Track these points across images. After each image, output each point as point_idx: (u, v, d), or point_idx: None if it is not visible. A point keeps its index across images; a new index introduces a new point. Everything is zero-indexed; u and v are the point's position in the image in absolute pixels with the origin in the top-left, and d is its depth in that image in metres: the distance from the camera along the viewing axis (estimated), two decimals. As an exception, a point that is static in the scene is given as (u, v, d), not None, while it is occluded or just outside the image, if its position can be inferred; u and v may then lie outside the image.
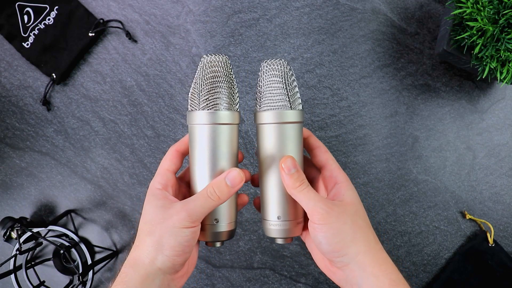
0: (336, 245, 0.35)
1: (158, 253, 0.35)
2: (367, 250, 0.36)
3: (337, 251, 0.35)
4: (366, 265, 0.35)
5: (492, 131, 0.67)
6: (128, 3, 0.68)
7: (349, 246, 0.35)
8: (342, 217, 0.36)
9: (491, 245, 0.64)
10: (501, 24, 0.52)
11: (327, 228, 0.35)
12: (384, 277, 0.35)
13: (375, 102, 0.67)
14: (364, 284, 0.35)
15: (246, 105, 0.67)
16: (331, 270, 0.38)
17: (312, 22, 0.67)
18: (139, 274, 0.35)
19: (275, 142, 0.38)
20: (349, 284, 0.36)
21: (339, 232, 0.35)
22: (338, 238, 0.35)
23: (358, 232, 0.36)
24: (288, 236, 0.39)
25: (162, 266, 0.35)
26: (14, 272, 0.61)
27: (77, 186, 0.67)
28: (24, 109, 0.68)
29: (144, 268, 0.35)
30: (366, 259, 0.35)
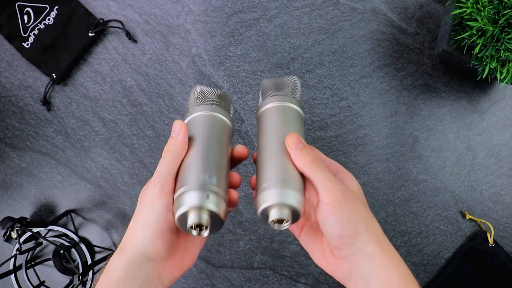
0: (349, 230, 0.33)
1: (139, 235, 0.33)
2: (377, 240, 0.33)
3: (348, 237, 0.33)
4: (376, 256, 0.33)
5: (492, 131, 0.67)
6: (128, 3, 0.68)
7: (361, 233, 0.33)
8: (357, 203, 0.34)
9: (491, 245, 0.64)
10: (501, 24, 0.52)
11: (341, 212, 0.33)
12: (395, 269, 0.33)
13: (375, 102, 0.67)
14: (372, 277, 0.32)
15: (246, 105, 0.67)
16: (333, 264, 0.36)
17: (312, 22, 0.67)
18: (124, 261, 0.33)
19: (277, 121, 0.37)
20: (353, 279, 0.34)
21: (353, 217, 0.33)
22: (352, 223, 0.33)
23: (370, 220, 0.34)
24: (287, 203, 0.32)
25: (144, 251, 0.33)
26: (14, 272, 0.61)
27: (77, 186, 0.67)
28: (24, 109, 0.68)
29: (127, 254, 0.33)
30: (376, 249, 0.33)
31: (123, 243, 0.34)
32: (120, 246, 0.34)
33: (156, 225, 0.33)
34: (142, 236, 0.33)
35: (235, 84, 0.67)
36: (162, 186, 0.34)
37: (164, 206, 0.33)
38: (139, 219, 0.34)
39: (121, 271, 0.32)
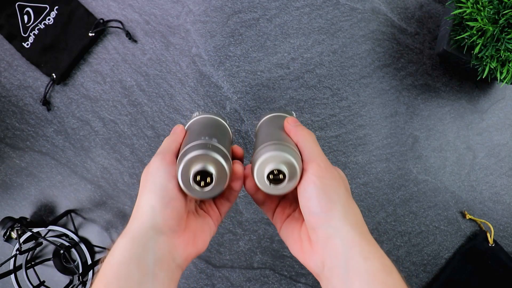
0: (327, 203, 0.31)
1: (145, 207, 0.32)
2: (356, 226, 0.31)
3: (325, 211, 0.31)
4: (354, 241, 0.30)
5: (492, 131, 0.67)
6: (128, 3, 0.68)
7: (338, 210, 0.31)
8: (339, 182, 0.33)
9: (491, 245, 0.64)
10: (501, 24, 0.52)
11: (321, 182, 0.32)
12: (376, 259, 0.30)
13: (375, 102, 0.67)
14: (352, 266, 0.29)
15: (246, 105, 0.67)
16: (309, 253, 0.33)
17: (312, 22, 0.67)
18: (127, 239, 0.30)
19: (271, 124, 0.40)
20: (329, 268, 0.31)
21: (332, 191, 0.32)
22: (329, 197, 0.32)
23: (350, 204, 0.33)
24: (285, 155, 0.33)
25: (152, 223, 0.31)
26: (14, 272, 0.61)
27: (77, 186, 0.67)
28: (24, 109, 0.68)
29: (131, 233, 0.30)
30: (354, 234, 0.30)
31: (127, 226, 0.32)
32: (124, 230, 0.32)
33: (162, 192, 0.32)
34: (150, 206, 0.31)
35: (235, 84, 0.67)
36: (164, 157, 0.34)
37: (168, 173, 0.33)
38: (144, 194, 0.32)
39: (125, 251, 0.29)
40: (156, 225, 0.31)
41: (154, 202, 0.32)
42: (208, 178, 0.33)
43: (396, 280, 0.29)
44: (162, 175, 0.33)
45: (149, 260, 0.29)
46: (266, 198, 0.39)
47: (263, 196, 0.39)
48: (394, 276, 0.29)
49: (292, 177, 0.33)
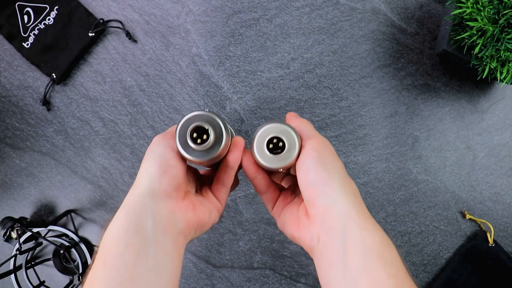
0: (324, 174, 0.31)
1: (143, 175, 0.31)
2: (354, 199, 0.31)
3: (322, 183, 0.31)
4: (352, 213, 0.30)
5: (492, 131, 0.67)
6: (128, 3, 0.68)
7: (336, 182, 0.31)
8: (335, 157, 0.34)
9: (491, 245, 0.64)
10: (501, 24, 0.52)
11: (319, 155, 0.32)
12: (374, 232, 0.29)
13: (375, 102, 0.67)
14: (349, 237, 0.28)
15: (246, 105, 0.67)
16: (306, 226, 0.33)
17: (312, 22, 0.67)
18: (126, 208, 0.29)
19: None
20: (327, 241, 0.30)
21: (329, 165, 0.32)
22: (327, 170, 0.32)
23: (346, 179, 0.33)
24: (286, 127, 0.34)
25: (149, 188, 0.30)
26: (14, 272, 0.61)
27: (77, 186, 0.67)
28: (24, 109, 0.68)
29: (130, 200, 0.30)
30: (352, 206, 0.30)
31: (126, 197, 0.32)
32: (123, 201, 0.32)
33: (161, 160, 0.32)
34: (147, 174, 0.31)
35: (235, 84, 0.67)
36: (165, 135, 0.34)
37: (167, 145, 0.33)
38: (143, 164, 0.33)
39: (122, 219, 0.28)
40: (153, 191, 0.30)
41: (152, 170, 0.31)
42: (204, 135, 0.33)
43: (393, 254, 0.29)
44: (161, 146, 0.33)
45: (148, 225, 0.28)
46: (269, 185, 0.39)
47: (265, 183, 0.38)
48: (392, 251, 0.29)
49: (291, 147, 0.34)
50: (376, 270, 0.27)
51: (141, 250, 0.27)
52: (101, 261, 0.27)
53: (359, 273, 0.27)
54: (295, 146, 0.34)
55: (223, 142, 0.34)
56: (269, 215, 0.66)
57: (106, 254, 0.27)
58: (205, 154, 0.33)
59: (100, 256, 0.27)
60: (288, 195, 0.39)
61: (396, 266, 0.28)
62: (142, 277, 0.26)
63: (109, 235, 0.28)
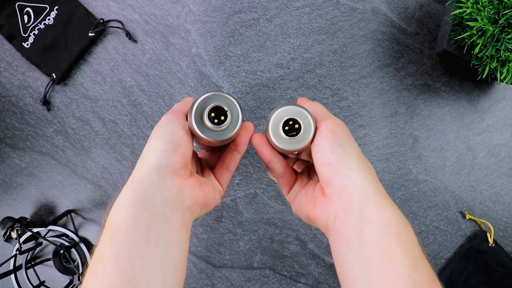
0: (340, 153, 0.31)
1: (152, 152, 0.31)
2: (371, 177, 0.31)
3: (339, 162, 0.31)
4: (369, 191, 0.29)
5: (492, 131, 0.67)
6: (128, 3, 0.68)
7: (353, 160, 0.31)
8: (350, 137, 0.33)
9: (491, 245, 0.64)
10: (501, 24, 0.52)
11: (334, 135, 0.32)
12: (391, 210, 0.28)
13: (375, 102, 0.67)
14: (365, 214, 0.28)
15: (246, 105, 0.67)
16: (322, 205, 0.33)
17: (312, 22, 0.67)
18: (132, 183, 0.29)
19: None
20: (343, 219, 0.30)
21: (345, 144, 0.32)
22: (344, 148, 0.32)
23: (362, 158, 0.32)
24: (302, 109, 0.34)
25: (158, 164, 0.30)
26: (14, 272, 0.61)
27: (77, 186, 0.67)
28: (24, 109, 0.68)
29: (137, 175, 0.29)
30: (369, 184, 0.30)
31: (133, 173, 0.31)
32: (130, 177, 0.31)
33: (171, 137, 0.31)
34: (157, 150, 0.31)
35: (235, 84, 0.67)
36: (175, 113, 0.34)
37: (178, 123, 0.33)
38: (151, 140, 0.32)
39: (131, 195, 0.28)
40: (162, 167, 0.30)
41: (162, 146, 0.31)
42: (222, 116, 0.33)
43: (409, 233, 0.28)
44: (172, 124, 0.33)
45: (157, 201, 0.28)
46: (286, 168, 0.39)
47: (282, 166, 0.38)
48: (408, 229, 0.29)
49: (307, 129, 0.34)
50: (391, 247, 0.27)
51: (150, 226, 0.26)
52: (109, 237, 0.26)
53: (374, 250, 0.27)
54: (311, 128, 0.34)
55: (238, 125, 0.34)
56: (269, 215, 0.66)
57: (113, 230, 0.26)
58: (218, 134, 0.33)
59: (107, 232, 0.27)
60: (304, 178, 0.39)
61: (411, 244, 0.27)
62: (152, 254, 0.26)
63: (116, 210, 0.27)
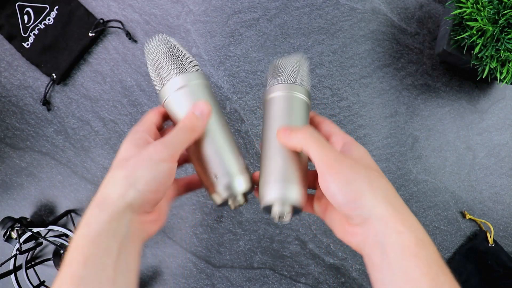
0: (351, 193, 0.32)
1: (130, 187, 0.31)
2: (387, 202, 0.32)
3: (353, 201, 0.32)
4: (388, 219, 0.31)
5: (492, 131, 0.67)
6: (128, 3, 0.68)
7: (365, 195, 0.31)
8: (355, 167, 0.33)
9: (491, 245, 0.64)
10: (501, 24, 0.52)
11: (339, 176, 0.32)
12: (409, 233, 0.30)
13: (375, 102, 0.67)
14: (387, 241, 0.30)
15: (246, 105, 0.67)
16: (350, 233, 0.34)
17: (312, 22, 0.67)
18: (106, 212, 0.30)
19: (280, 112, 0.38)
20: (370, 246, 0.32)
21: (353, 180, 0.32)
22: (353, 186, 0.32)
23: (374, 181, 0.33)
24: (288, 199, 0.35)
25: (132, 201, 0.31)
26: (14, 272, 0.61)
27: (77, 186, 0.67)
28: (24, 109, 0.68)
29: (111, 204, 0.31)
30: (387, 212, 0.31)
31: (106, 192, 0.32)
32: (102, 195, 0.32)
33: (154, 184, 0.32)
34: (135, 190, 0.31)
35: (235, 84, 0.67)
36: (174, 154, 0.34)
37: (170, 170, 0.33)
38: (135, 171, 0.32)
39: (102, 223, 0.30)
40: (135, 204, 0.32)
41: (144, 188, 0.32)
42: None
43: (428, 252, 0.30)
44: (164, 170, 0.33)
45: (123, 235, 0.31)
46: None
47: None
48: (427, 249, 0.31)
49: (297, 211, 0.37)
50: (411, 268, 0.29)
51: (118, 255, 0.30)
52: (81, 261, 0.29)
53: (397, 272, 0.30)
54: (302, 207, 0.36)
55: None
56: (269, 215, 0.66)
57: (86, 255, 0.29)
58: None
59: (79, 255, 0.29)
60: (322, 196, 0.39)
61: (430, 263, 0.30)
62: (118, 280, 0.30)
63: (89, 236, 0.30)
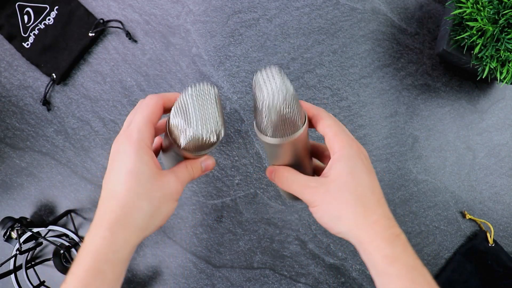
0: (327, 224, 0.36)
1: (154, 220, 0.35)
2: (358, 225, 0.34)
3: (331, 229, 0.36)
4: (360, 240, 0.34)
5: (492, 131, 0.67)
6: (128, 3, 0.68)
7: (337, 225, 0.35)
8: (326, 198, 0.35)
9: (491, 245, 0.64)
10: (501, 24, 0.52)
11: (316, 210, 0.36)
12: (377, 253, 0.33)
13: (375, 102, 0.67)
14: (379, 270, 0.34)
15: (246, 105, 0.67)
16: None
17: (312, 22, 0.67)
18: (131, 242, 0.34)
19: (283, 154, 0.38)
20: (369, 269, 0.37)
21: (325, 212, 0.35)
22: (326, 219, 0.35)
23: (343, 209, 0.35)
24: None
25: (148, 232, 0.35)
26: (14, 272, 0.61)
27: (77, 186, 0.67)
28: (24, 109, 0.68)
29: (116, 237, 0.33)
30: (359, 234, 0.34)
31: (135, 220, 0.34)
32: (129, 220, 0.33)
33: (166, 218, 0.36)
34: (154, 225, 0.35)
35: (235, 84, 0.67)
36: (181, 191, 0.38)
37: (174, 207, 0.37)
38: (160, 207, 0.35)
39: (132, 247, 0.34)
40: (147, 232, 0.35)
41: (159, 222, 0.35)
42: None
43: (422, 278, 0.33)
44: (174, 206, 0.37)
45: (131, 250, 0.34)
46: None
47: None
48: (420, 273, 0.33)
49: None
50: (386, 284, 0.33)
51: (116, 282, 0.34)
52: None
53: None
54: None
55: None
56: (269, 215, 0.66)
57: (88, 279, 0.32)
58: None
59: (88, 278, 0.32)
60: None
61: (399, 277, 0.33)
62: None
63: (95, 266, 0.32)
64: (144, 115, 0.35)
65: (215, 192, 0.66)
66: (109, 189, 0.34)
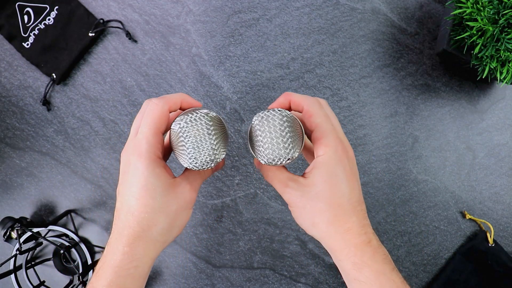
0: (302, 226, 0.37)
1: (171, 232, 0.35)
2: (329, 234, 0.35)
3: (306, 231, 0.37)
4: (332, 248, 0.36)
5: (492, 131, 0.67)
6: (128, 3, 0.68)
7: (311, 230, 0.36)
8: (302, 201, 0.35)
9: (491, 245, 0.64)
10: (501, 24, 0.52)
11: (292, 210, 0.37)
12: (347, 260, 0.34)
13: (375, 102, 0.67)
14: (337, 265, 0.36)
15: (246, 105, 0.67)
16: None
17: (312, 22, 0.67)
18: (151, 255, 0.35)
19: None
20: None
21: (300, 215, 0.36)
22: (300, 221, 0.37)
23: (316, 217, 0.35)
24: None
25: (166, 243, 0.36)
26: (14, 272, 0.61)
27: (77, 186, 0.67)
28: (24, 109, 0.68)
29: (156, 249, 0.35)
30: (330, 243, 0.35)
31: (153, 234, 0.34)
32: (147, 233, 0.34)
33: (182, 227, 0.37)
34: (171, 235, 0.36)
35: (235, 84, 0.67)
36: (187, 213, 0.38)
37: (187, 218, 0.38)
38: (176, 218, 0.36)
39: (152, 260, 0.35)
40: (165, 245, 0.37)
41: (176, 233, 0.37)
42: None
43: (391, 283, 0.33)
44: (190, 214, 0.38)
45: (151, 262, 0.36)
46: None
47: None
48: (389, 278, 0.34)
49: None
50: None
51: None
52: None
53: None
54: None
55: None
56: (269, 215, 0.66)
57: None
58: None
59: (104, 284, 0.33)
60: None
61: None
62: None
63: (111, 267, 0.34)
64: (151, 124, 0.34)
65: (215, 192, 0.66)
66: (124, 200, 0.34)
